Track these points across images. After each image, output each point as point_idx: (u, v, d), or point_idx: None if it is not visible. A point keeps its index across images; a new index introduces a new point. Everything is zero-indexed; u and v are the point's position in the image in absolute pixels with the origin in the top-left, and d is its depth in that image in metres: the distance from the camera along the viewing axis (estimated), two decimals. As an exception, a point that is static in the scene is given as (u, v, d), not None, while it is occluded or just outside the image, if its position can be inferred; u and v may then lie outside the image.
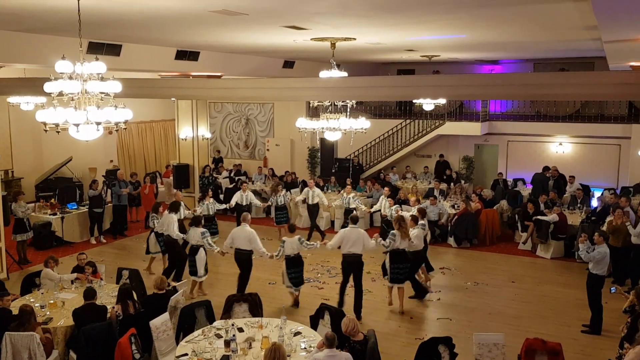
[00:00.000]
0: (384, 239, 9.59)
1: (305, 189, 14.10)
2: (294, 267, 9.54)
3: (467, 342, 7.36)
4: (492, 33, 10.01)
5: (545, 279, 11.38)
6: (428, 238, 10.21)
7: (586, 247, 8.76)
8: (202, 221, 10.27)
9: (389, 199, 12.41)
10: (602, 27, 6.38)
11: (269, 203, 14.51)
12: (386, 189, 13.76)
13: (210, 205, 13.01)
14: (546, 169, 16.38)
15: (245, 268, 9.79)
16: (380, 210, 13.02)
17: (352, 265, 9.34)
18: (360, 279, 9.42)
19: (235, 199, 13.65)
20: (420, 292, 10.17)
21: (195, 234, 9.96)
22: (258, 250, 9.59)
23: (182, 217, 11.55)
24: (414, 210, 11.31)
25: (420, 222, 10.23)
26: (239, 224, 9.73)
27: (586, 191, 15.39)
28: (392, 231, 9.55)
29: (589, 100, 17.74)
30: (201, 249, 10.02)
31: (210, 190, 14.29)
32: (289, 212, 14.58)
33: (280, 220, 14.05)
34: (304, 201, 14.27)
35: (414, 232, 9.80)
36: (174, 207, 11.08)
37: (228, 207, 13.60)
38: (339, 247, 9.41)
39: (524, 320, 9.30)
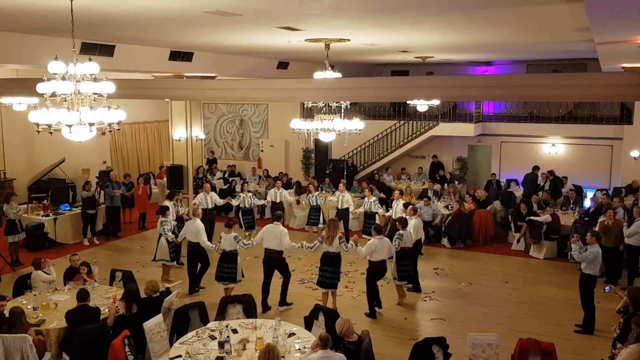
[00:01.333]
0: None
1: (337, 193, 14.08)
2: (226, 262, 9.58)
3: (461, 342, 7.38)
4: (485, 34, 10.05)
5: (538, 279, 11.42)
6: (394, 249, 9.65)
7: (579, 247, 8.80)
8: (169, 211, 10.95)
9: (403, 208, 11.99)
10: (595, 28, 6.41)
11: (305, 203, 14.47)
12: (396, 192, 13.12)
13: (247, 199, 13.46)
14: (536, 168, 16.43)
15: (203, 261, 10.38)
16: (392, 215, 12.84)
17: (273, 261, 9.56)
18: (285, 271, 9.68)
19: (270, 196, 14.09)
20: (373, 311, 9.59)
21: (158, 223, 10.80)
22: (202, 243, 10.04)
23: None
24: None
25: (399, 232, 9.89)
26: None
27: (579, 192, 15.47)
28: (322, 234, 9.48)
29: (581, 101, 17.84)
30: (162, 237, 10.73)
31: (246, 184, 14.71)
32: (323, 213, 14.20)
33: (313, 222, 13.94)
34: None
35: (372, 240, 9.39)
36: (170, 196, 12.20)
37: (265, 204, 14.38)
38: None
39: (518, 321, 9.33)
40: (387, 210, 12.92)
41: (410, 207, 11.20)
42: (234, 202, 13.57)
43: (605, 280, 10.70)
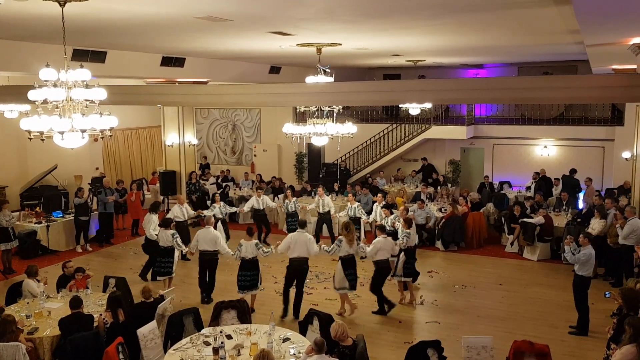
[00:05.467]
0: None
1: (316, 197, 14.08)
2: (248, 270, 9.51)
3: (456, 345, 7.38)
4: (476, 37, 10.09)
5: (532, 281, 11.45)
6: (396, 249, 9.87)
7: (572, 248, 8.82)
8: (173, 223, 10.82)
9: (384, 209, 12.03)
10: (584, 31, 6.46)
11: (282, 208, 14.29)
12: (379, 196, 13.33)
13: (221, 208, 13.26)
14: (573, 171, 16.27)
15: (212, 268, 10.28)
16: (374, 220, 12.84)
17: (297, 269, 9.45)
18: (303, 282, 9.58)
19: (251, 204, 13.83)
20: (382, 308, 9.74)
21: (166, 236, 10.38)
22: (222, 250, 10.04)
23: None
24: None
25: (406, 231, 10.04)
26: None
27: (571, 193, 15.51)
28: (339, 237, 9.64)
29: (572, 103, 17.93)
30: (175, 250, 10.51)
31: (217, 194, 14.43)
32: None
33: (292, 228, 13.81)
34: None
35: (378, 238, 9.69)
36: (154, 208, 11.73)
37: (238, 212, 14.26)
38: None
39: (512, 323, 9.35)
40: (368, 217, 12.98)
41: (402, 207, 11.31)
42: (207, 212, 12.93)
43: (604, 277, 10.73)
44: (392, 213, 11.83)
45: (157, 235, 10.93)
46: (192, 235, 11.79)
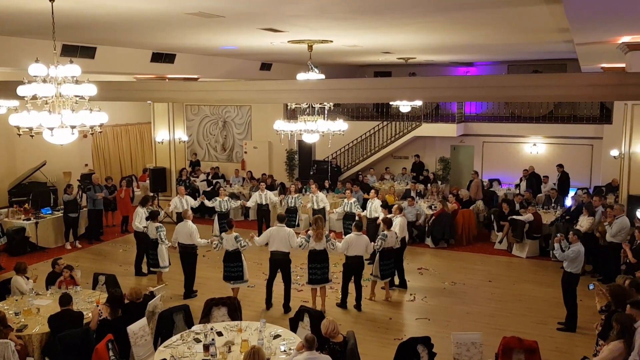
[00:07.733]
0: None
1: (309, 194, 14.13)
2: (231, 261, 9.66)
3: (446, 341, 7.42)
4: (467, 36, 10.13)
5: (521, 278, 11.53)
6: (371, 248, 9.85)
7: (563, 245, 8.87)
8: (159, 216, 11.13)
9: (383, 209, 12.06)
10: (574, 29, 6.51)
11: (283, 203, 14.36)
12: (372, 192, 13.23)
13: (223, 202, 13.47)
14: (560, 166, 16.50)
15: (190, 262, 10.38)
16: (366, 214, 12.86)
17: (279, 263, 9.58)
18: (288, 275, 9.70)
19: (255, 198, 14.10)
20: (344, 302, 9.97)
21: (152, 228, 10.65)
22: (197, 243, 10.19)
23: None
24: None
25: (384, 232, 10.07)
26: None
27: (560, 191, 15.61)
28: (308, 232, 9.67)
29: (561, 101, 18.06)
30: (160, 244, 10.64)
31: (223, 188, 14.83)
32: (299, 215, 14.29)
33: (291, 224, 13.73)
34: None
35: (350, 235, 9.77)
36: (143, 202, 11.92)
37: (242, 204, 14.89)
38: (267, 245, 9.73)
39: (501, 319, 9.41)
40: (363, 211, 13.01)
41: (395, 206, 11.28)
42: (209, 203, 13.61)
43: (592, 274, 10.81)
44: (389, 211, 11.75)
45: (144, 227, 11.13)
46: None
